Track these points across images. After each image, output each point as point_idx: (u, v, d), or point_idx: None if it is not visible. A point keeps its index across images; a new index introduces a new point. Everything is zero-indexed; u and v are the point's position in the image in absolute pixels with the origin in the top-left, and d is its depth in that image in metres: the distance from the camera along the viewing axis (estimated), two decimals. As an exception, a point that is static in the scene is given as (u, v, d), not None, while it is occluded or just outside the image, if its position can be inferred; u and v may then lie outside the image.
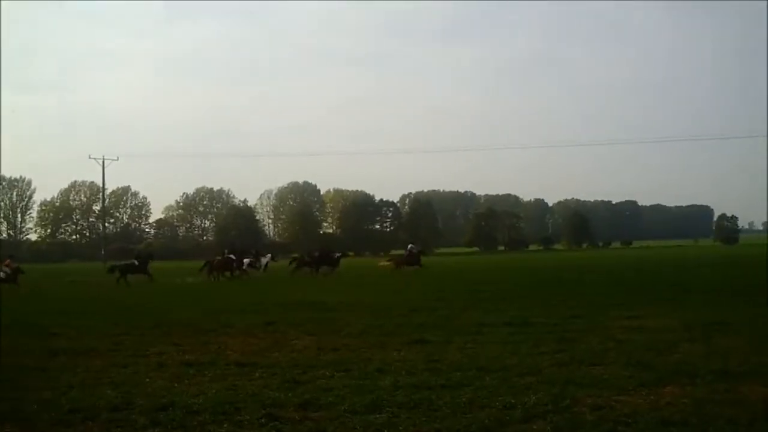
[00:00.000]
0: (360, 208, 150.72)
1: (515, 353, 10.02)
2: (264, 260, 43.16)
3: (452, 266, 39.98)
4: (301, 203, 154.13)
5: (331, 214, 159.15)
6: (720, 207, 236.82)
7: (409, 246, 45.44)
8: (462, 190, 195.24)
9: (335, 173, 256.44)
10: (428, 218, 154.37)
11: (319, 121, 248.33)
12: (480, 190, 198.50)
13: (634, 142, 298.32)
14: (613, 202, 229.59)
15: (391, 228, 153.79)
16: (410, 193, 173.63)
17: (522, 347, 10.51)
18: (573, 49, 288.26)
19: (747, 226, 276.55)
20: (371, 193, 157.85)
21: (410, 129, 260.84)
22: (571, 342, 10.93)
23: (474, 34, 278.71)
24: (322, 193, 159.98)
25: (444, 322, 14.23)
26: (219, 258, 38.44)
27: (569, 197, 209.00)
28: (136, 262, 35.77)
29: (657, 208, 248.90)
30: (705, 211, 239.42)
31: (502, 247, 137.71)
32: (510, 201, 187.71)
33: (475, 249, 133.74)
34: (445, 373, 8.69)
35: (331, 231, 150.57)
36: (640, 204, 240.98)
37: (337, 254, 41.24)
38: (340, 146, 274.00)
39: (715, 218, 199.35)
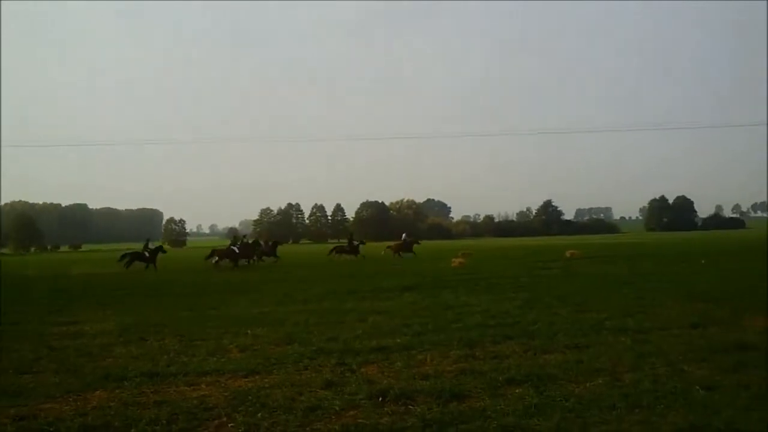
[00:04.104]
0: None
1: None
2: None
3: None
4: None
5: None
6: (169, 211, 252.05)
7: (404, 235, 49.64)
8: None
9: None
10: None
11: None
12: None
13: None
14: (63, 205, 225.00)
15: None
16: None
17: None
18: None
19: (195, 229, 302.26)
20: None
21: None
22: (-1, 351, 10.24)
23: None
24: None
25: None
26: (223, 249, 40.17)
27: (17, 199, 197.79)
28: (147, 254, 37.35)
29: (107, 212, 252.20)
30: (155, 215, 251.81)
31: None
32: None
33: None
34: None
35: None
36: (90, 207, 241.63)
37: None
38: None
39: (164, 222, 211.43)
